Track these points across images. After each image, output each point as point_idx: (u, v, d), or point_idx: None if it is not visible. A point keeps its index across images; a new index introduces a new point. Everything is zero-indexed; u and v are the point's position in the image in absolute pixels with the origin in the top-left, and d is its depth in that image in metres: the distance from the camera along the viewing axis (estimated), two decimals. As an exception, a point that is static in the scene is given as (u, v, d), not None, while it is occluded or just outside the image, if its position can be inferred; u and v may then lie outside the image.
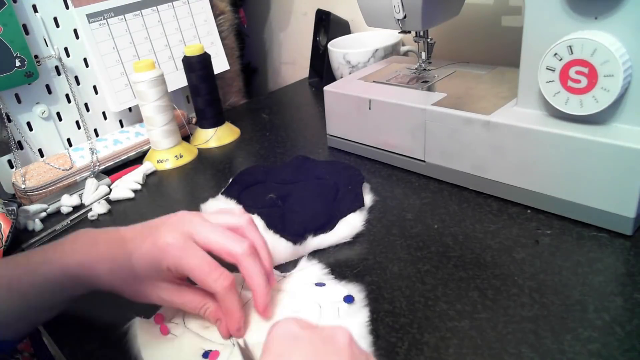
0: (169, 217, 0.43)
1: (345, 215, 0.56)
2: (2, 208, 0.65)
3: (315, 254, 0.53)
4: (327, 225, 0.54)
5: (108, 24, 0.82)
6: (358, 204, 0.57)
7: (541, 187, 0.53)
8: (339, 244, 0.54)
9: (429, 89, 0.66)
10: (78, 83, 0.82)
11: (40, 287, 0.41)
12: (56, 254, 0.42)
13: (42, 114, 0.78)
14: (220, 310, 0.41)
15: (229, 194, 0.61)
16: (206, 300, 0.41)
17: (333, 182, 0.60)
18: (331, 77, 0.93)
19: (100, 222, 0.67)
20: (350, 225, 0.55)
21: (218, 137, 0.85)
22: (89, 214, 0.68)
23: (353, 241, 0.54)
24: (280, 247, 0.51)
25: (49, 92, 0.78)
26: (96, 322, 0.48)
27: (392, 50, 0.86)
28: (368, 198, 0.60)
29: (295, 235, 0.52)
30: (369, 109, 0.67)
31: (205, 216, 0.42)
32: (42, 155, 0.80)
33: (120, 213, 0.69)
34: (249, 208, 0.56)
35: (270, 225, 0.53)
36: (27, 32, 0.74)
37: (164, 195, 0.72)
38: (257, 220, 0.54)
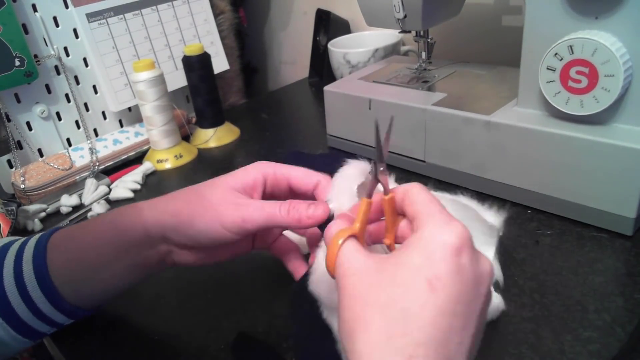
0: None
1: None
2: (2, 208, 0.65)
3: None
4: None
5: (108, 24, 0.82)
6: None
7: (541, 187, 0.53)
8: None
9: (429, 88, 0.66)
10: (78, 83, 0.81)
11: (97, 242, 0.41)
12: (121, 209, 0.42)
13: (42, 113, 0.78)
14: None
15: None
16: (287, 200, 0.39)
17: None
18: (331, 77, 0.93)
19: (99, 222, 0.67)
20: None
21: (218, 137, 0.84)
22: (89, 214, 0.68)
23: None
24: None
25: (49, 91, 0.78)
26: (96, 322, 0.47)
27: (392, 50, 0.86)
28: None
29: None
30: (369, 109, 0.67)
31: None
32: (41, 155, 0.80)
33: (119, 213, 0.68)
34: None
35: None
36: (26, 32, 0.74)
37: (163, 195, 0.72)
38: None
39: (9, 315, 0.40)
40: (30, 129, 0.78)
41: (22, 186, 0.72)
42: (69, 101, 0.81)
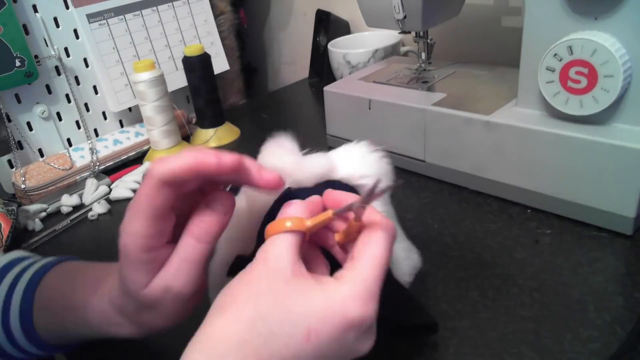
0: None
1: None
2: (2, 208, 0.65)
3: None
4: None
5: (108, 24, 0.82)
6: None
7: (541, 187, 0.53)
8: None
9: (429, 89, 0.66)
10: (78, 83, 0.82)
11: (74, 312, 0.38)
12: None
13: (42, 114, 0.78)
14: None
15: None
16: None
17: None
18: (331, 77, 0.93)
19: (100, 222, 0.67)
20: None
21: (218, 137, 0.85)
22: (89, 214, 0.68)
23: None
24: None
25: (49, 92, 0.78)
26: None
27: (392, 51, 0.86)
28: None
29: None
30: (369, 109, 0.67)
31: None
32: (42, 155, 0.80)
33: (120, 213, 0.69)
34: None
35: None
36: (27, 32, 0.74)
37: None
38: None
39: None
40: (30, 129, 0.78)
41: (23, 186, 0.72)
42: (69, 101, 0.81)
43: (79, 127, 0.83)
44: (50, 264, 0.42)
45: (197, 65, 0.80)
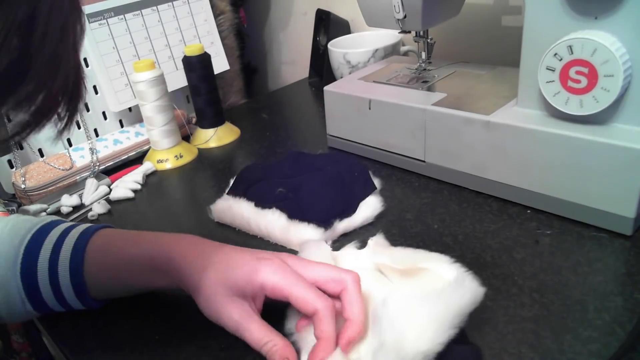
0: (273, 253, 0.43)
1: (362, 199, 0.58)
2: (3, 208, 0.65)
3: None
4: (348, 209, 0.56)
5: (108, 24, 0.82)
6: (370, 188, 0.60)
7: (541, 187, 0.53)
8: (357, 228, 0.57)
9: (429, 89, 0.66)
10: (78, 83, 0.81)
11: (132, 261, 0.44)
12: (164, 239, 0.44)
13: (42, 113, 0.78)
14: (288, 349, 0.38)
15: (235, 193, 0.61)
16: (274, 335, 0.38)
17: (336, 171, 0.60)
18: (331, 77, 0.93)
19: (100, 222, 0.67)
20: (370, 206, 0.57)
21: (218, 137, 0.85)
22: (89, 214, 0.68)
23: (351, 241, 0.54)
24: (310, 234, 0.53)
25: (49, 92, 0.78)
26: (96, 322, 0.48)
27: (392, 50, 0.86)
28: (377, 182, 0.62)
29: (321, 222, 0.54)
30: (369, 109, 0.67)
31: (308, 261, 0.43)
32: (42, 155, 0.80)
33: (120, 213, 0.69)
34: (262, 204, 0.57)
35: (293, 216, 0.55)
36: (27, 32, 0.74)
37: (164, 195, 0.72)
38: (277, 213, 0.55)
39: (34, 295, 0.44)
40: (30, 129, 0.78)
41: (23, 186, 0.72)
42: (69, 101, 0.81)
43: (79, 127, 0.83)
44: (91, 230, 0.47)
45: (197, 65, 0.80)
